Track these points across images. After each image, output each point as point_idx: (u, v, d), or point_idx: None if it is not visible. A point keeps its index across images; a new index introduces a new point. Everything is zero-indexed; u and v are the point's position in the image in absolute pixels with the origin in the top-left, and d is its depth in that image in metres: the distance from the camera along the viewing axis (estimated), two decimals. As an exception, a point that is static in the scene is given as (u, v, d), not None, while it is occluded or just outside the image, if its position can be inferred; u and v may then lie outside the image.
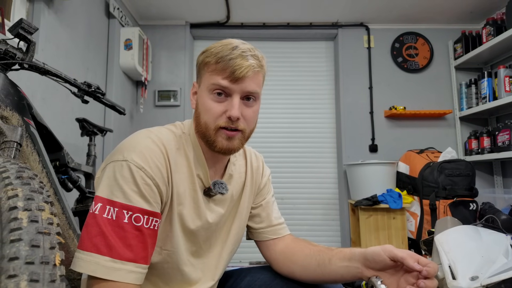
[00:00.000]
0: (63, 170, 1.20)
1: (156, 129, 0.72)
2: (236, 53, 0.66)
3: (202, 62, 0.71)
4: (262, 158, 0.92)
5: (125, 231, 0.58)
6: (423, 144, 2.69)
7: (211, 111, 0.68)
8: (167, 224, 0.70)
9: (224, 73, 0.66)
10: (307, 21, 2.88)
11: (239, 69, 0.65)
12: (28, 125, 0.93)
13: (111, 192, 0.60)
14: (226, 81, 0.66)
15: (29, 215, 0.43)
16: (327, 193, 2.86)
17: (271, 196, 0.92)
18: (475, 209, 2.13)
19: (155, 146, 0.66)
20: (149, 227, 0.61)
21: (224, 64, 0.66)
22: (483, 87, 2.49)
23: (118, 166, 0.62)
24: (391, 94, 2.83)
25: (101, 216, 0.58)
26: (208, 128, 0.69)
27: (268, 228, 0.86)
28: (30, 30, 0.90)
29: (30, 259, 0.39)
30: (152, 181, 0.63)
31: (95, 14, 2.14)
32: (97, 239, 0.57)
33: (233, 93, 0.67)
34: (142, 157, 0.63)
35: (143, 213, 0.61)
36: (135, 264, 0.58)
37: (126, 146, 0.65)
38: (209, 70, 0.68)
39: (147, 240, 0.61)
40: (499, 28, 2.35)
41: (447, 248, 0.89)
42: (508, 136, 2.22)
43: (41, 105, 1.53)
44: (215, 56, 0.67)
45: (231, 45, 0.68)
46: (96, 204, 0.60)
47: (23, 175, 0.51)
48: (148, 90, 2.74)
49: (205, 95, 0.69)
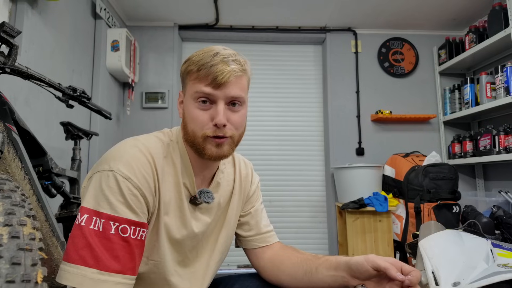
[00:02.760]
0: (47, 176, 1.17)
1: (143, 138, 0.71)
2: (217, 59, 0.66)
3: (185, 71, 0.71)
4: (252, 165, 0.92)
5: (112, 242, 0.58)
6: (409, 148, 2.75)
7: (197, 120, 0.67)
8: (153, 234, 0.69)
9: (206, 80, 0.66)
10: (295, 25, 2.90)
11: (220, 75, 0.65)
12: (10, 130, 0.90)
13: (97, 203, 0.60)
14: (209, 88, 0.66)
15: (10, 231, 0.42)
16: (315, 196, 2.88)
17: (260, 203, 0.92)
18: (458, 211, 2.18)
19: (142, 156, 0.66)
20: (136, 238, 0.61)
21: (205, 71, 0.65)
22: (466, 92, 2.55)
23: (104, 177, 0.61)
24: (377, 98, 2.87)
25: (88, 228, 0.57)
26: (195, 136, 0.68)
27: (257, 236, 0.86)
28: (13, 34, 0.88)
29: (10, 278, 0.38)
30: (139, 191, 0.63)
31: (81, 15, 2.10)
32: (83, 251, 0.56)
33: (217, 100, 0.67)
34: (129, 167, 0.63)
35: (130, 224, 0.60)
36: (122, 276, 0.58)
37: (112, 156, 0.65)
38: (192, 79, 0.68)
39: (134, 251, 0.61)
40: (481, 36, 2.42)
41: (431, 254, 0.91)
42: (490, 141, 2.28)
43: (23, 108, 1.49)
44: (196, 64, 0.67)
45: (212, 52, 0.68)
46: (82, 215, 0.59)
47: (4, 188, 0.49)
48: (135, 92, 2.70)
49: (190, 104, 0.69)
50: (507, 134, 2.18)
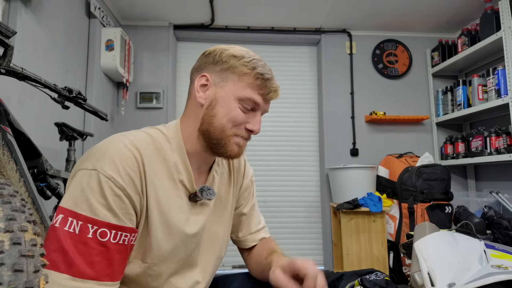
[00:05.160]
0: (42, 178, 1.15)
1: (131, 133, 0.68)
2: (269, 72, 0.72)
3: (232, 66, 0.70)
4: (245, 156, 0.90)
5: (88, 246, 0.55)
6: (402, 149, 2.78)
7: (235, 119, 0.69)
8: (146, 235, 0.66)
9: (261, 90, 0.70)
10: (291, 26, 2.91)
11: (274, 92, 0.72)
12: (5, 132, 0.89)
13: (75, 204, 0.56)
14: (260, 99, 0.71)
15: (11, 237, 0.41)
16: (310, 196, 2.89)
17: (254, 201, 0.92)
18: (450, 212, 2.22)
19: (127, 151, 0.62)
20: (117, 242, 0.58)
21: (263, 82, 0.70)
22: (458, 94, 2.59)
23: (86, 176, 0.58)
24: (371, 99, 2.90)
25: (62, 229, 0.54)
26: (224, 131, 0.69)
27: (248, 236, 0.88)
28: (8, 34, 0.87)
29: (13, 285, 0.37)
30: (123, 192, 0.59)
31: (75, 14, 2.07)
32: (55, 254, 0.52)
33: (258, 109, 0.72)
34: (112, 166, 0.59)
35: (110, 227, 0.57)
36: (96, 282, 0.55)
37: (96, 152, 0.61)
38: (245, 81, 0.69)
39: (114, 256, 0.57)
40: (473, 39, 2.46)
41: (426, 255, 0.93)
42: (481, 142, 2.32)
43: (17, 108, 1.47)
44: (253, 69, 0.69)
45: (260, 61, 0.72)
46: (57, 215, 0.55)
47: (3, 193, 0.49)
48: (129, 92, 2.68)
49: (232, 101, 0.69)
50: (498, 135, 2.22)
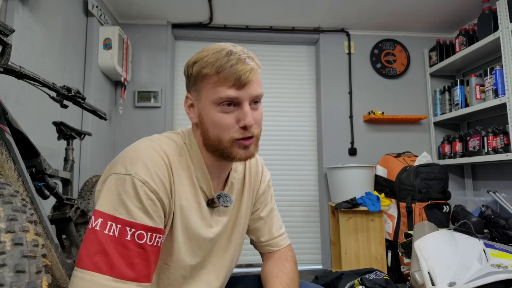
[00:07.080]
0: (40, 177, 1.14)
1: (157, 138, 0.69)
2: (234, 58, 0.64)
3: (198, 75, 0.66)
4: (262, 162, 0.90)
5: (127, 249, 0.56)
6: (400, 148, 2.78)
7: (222, 125, 0.65)
8: (169, 238, 0.68)
9: (228, 82, 0.63)
10: (289, 25, 2.91)
11: (244, 74, 0.63)
12: (3, 131, 0.88)
13: (113, 208, 0.58)
14: (233, 90, 0.63)
15: (13, 238, 0.41)
16: (308, 195, 2.89)
17: (272, 204, 0.91)
18: (448, 211, 2.23)
19: (158, 157, 0.64)
20: (152, 244, 0.60)
21: (226, 73, 0.63)
22: (456, 94, 2.60)
23: (121, 180, 0.59)
24: (370, 99, 2.90)
25: (102, 233, 0.56)
26: (221, 141, 0.66)
27: (271, 241, 0.87)
28: (6, 32, 0.86)
29: (15, 286, 0.37)
30: (156, 196, 0.61)
31: (73, 12, 2.06)
32: (97, 257, 0.54)
33: (242, 101, 0.65)
34: (145, 170, 0.61)
35: (147, 229, 0.59)
36: (137, 283, 0.56)
37: (128, 157, 0.62)
38: (211, 82, 0.65)
39: (150, 258, 0.59)
40: (471, 39, 2.47)
41: (426, 255, 0.93)
42: (479, 142, 2.34)
43: (15, 107, 1.45)
44: (212, 66, 0.64)
45: (224, 51, 0.65)
46: (96, 219, 0.57)
47: (4, 193, 0.48)
48: (127, 91, 2.67)
49: (211, 109, 0.66)
50: (495, 135, 2.23)
